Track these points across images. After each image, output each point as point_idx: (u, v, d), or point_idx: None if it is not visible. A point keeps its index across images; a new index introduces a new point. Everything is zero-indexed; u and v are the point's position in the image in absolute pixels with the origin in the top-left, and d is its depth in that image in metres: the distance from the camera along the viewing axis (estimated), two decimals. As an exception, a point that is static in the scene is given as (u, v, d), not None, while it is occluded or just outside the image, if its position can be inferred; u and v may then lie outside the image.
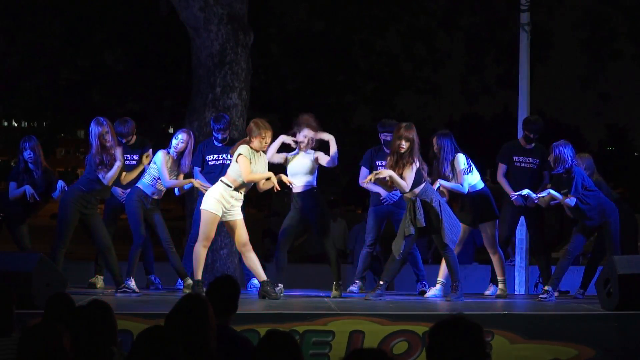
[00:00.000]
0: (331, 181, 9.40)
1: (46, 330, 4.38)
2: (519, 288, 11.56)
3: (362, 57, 19.58)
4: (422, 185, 8.92)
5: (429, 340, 3.64)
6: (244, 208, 9.23)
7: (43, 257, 7.80)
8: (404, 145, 8.86)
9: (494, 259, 9.74)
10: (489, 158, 12.58)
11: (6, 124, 37.18)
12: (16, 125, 35.16)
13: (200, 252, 8.84)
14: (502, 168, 10.02)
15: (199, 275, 8.89)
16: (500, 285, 9.73)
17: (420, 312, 8.04)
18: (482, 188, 9.62)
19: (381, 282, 9.07)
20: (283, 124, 22.73)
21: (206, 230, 8.79)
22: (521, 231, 11.55)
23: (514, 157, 9.92)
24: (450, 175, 9.41)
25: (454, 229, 8.89)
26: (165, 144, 9.95)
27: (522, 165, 9.92)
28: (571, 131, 59.98)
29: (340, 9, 17.47)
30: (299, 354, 4.23)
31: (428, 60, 18.65)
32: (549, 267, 10.01)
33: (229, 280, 5.71)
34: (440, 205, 8.86)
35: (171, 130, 20.35)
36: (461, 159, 9.44)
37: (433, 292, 9.55)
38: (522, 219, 10.31)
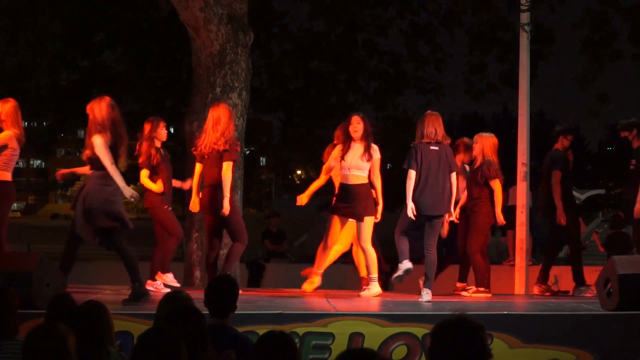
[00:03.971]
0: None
1: (50, 330, 4.37)
2: (519, 288, 11.55)
3: (364, 57, 19.59)
4: None
5: (431, 341, 3.63)
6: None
7: (43, 257, 7.79)
8: None
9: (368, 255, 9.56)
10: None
11: (6, 123, 37.08)
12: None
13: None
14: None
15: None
16: (372, 284, 9.53)
17: (420, 312, 8.03)
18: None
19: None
20: (284, 124, 22.81)
21: None
22: (521, 231, 11.55)
23: None
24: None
25: None
26: (166, 142, 9.96)
27: None
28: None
29: (341, 9, 17.47)
30: (296, 354, 4.23)
31: (431, 59, 18.67)
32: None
33: (227, 280, 5.73)
34: None
35: (172, 130, 20.36)
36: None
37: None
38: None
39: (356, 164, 9.37)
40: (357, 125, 9.42)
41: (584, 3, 14.02)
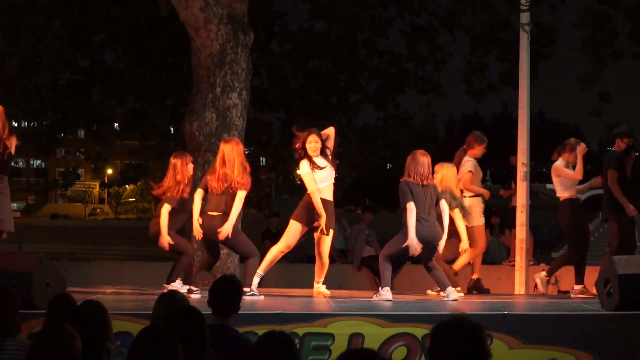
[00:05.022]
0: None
1: (58, 332, 4.36)
2: (519, 288, 11.55)
3: (365, 56, 19.58)
4: None
5: (430, 341, 3.63)
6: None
7: (43, 257, 7.79)
8: None
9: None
10: (489, 158, 12.58)
11: (6, 123, 37.10)
12: (16, 125, 35.11)
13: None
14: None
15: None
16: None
17: (420, 312, 8.03)
18: None
19: None
20: (284, 125, 22.78)
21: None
22: (521, 231, 11.54)
23: None
24: None
25: None
26: (166, 142, 9.95)
27: None
28: (571, 131, 60.02)
29: (342, 9, 17.47)
30: (296, 354, 4.23)
31: (431, 59, 18.66)
32: None
33: (231, 281, 5.74)
34: None
35: (172, 130, 20.30)
36: None
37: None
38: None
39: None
40: (316, 144, 9.72)
41: (584, 3, 14.01)
